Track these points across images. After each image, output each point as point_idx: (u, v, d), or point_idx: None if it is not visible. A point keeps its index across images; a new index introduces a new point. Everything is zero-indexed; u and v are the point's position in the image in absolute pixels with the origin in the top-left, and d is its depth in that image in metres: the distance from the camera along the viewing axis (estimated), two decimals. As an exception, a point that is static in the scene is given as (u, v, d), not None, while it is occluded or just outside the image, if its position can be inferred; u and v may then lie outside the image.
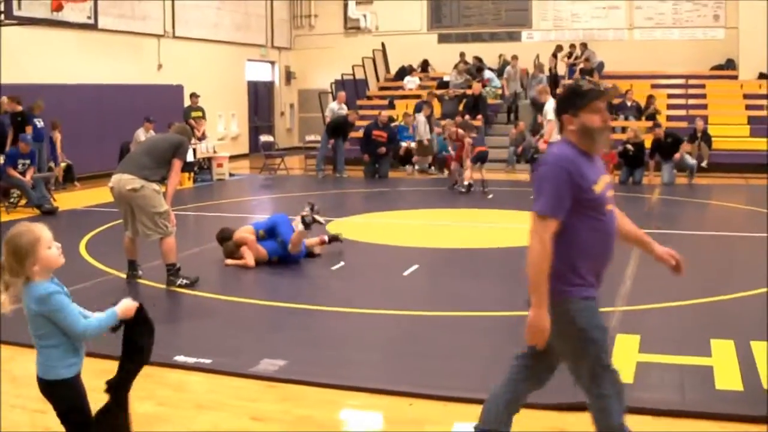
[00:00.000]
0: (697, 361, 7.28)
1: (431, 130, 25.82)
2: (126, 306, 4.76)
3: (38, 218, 16.69)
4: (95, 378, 4.91)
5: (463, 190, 20.04)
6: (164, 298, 10.20)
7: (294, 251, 11.79)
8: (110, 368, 7.32)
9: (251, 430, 6.15)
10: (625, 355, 7.41)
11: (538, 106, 28.25)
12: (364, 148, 25.07)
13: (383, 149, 24.85)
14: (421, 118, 25.59)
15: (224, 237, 12.05)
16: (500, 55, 32.10)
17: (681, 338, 8.08)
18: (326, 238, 12.68)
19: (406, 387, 6.80)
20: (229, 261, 11.73)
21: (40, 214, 17.10)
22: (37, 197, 17.54)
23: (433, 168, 25.60)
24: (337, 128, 25.28)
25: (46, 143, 21.06)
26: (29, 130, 19.16)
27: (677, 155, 22.14)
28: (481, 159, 20.71)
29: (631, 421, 6.08)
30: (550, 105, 19.18)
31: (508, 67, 29.99)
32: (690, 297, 9.62)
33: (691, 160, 22.46)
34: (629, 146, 22.24)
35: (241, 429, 6.15)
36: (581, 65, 30.29)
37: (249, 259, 11.65)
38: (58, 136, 21.57)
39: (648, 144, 22.61)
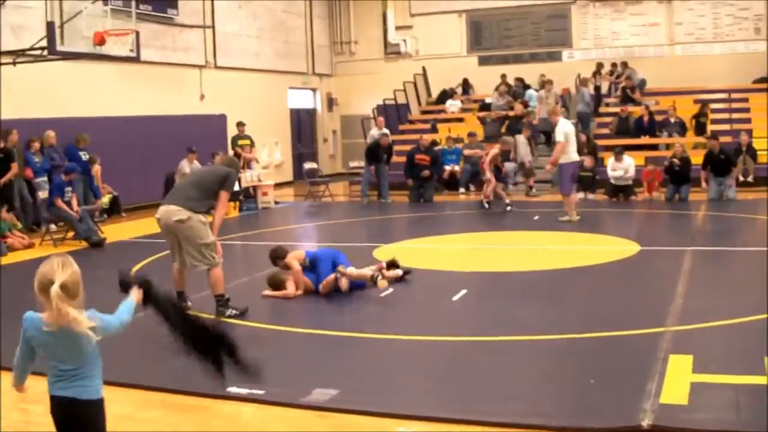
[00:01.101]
0: (752, 380, 7.19)
1: (533, 152, 25.76)
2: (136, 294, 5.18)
3: (86, 250, 16.82)
4: (139, 407, 5.00)
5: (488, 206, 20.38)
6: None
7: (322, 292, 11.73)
8: (150, 399, 7.35)
9: (305, 461, 6.13)
10: (679, 376, 7.35)
11: (584, 123, 28.20)
12: (408, 172, 25.06)
13: (427, 172, 24.82)
14: (521, 139, 25.35)
15: (277, 256, 12.01)
16: (541, 75, 32.06)
17: (734, 357, 8.00)
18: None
19: (458, 414, 6.74)
20: (268, 292, 11.68)
21: (88, 247, 17.22)
22: (84, 229, 17.64)
23: (533, 189, 25.23)
24: (373, 153, 25.34)
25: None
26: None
27: (732, 180, 22.05)
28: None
29: (687, 443, 6.05)
30: (560, 126, 18.70)
31: (541, 91, 29.65)
32: (742, 315, 9.53)
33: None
34: (675, 161, 22.11)
35: (295, 459, 6.14)
36: (623, 83, 30.28)
37: (290, 288, 11.62)
38: (97, 169, 21.70)
39: (698, 159, 22.49)
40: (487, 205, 20.60)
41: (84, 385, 4.81)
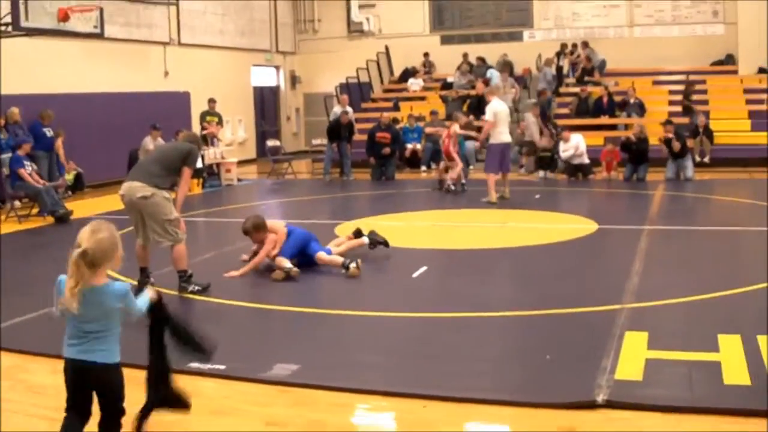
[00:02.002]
0: (705, 356, 7.33)
1: (542, 132, 24.84)
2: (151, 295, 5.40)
3: (52, 227, 16.80)
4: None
5: (453, 188, 20.25)
6: (176, 304, 10.22)
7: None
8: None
9: (266, 435, 6.20)
10: (634, 352, 7.48)
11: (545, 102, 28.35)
12: (369, 150, 25.12)
13: (387, 150, 24.89)
14: (530, 117, 25.11)
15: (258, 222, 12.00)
16: (503, 55, 32.24)
17: (688, 334, 8.13)
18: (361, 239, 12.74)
19: (418, 389, 6.83)
20: (232, 273, 11.62)
21: (53, 223, 17.19)
22: (50, 202, 17.60)
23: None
24: (334, 131, 25.38)
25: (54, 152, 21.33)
26: None
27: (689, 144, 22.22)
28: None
29: (640, 418, 6.18)
30: (491, 105, 18.77)
31: (496, 79, 29.43)
32: (696, 292, 9.69)
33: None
34: (631, 137, 22.27)
35: (255, 434, 6.20)
36: (582, 64, 30.44)
37: (267, 246, 11.60)
38: (59, 145, 21.60)
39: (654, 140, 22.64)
40: (454, 188, 20.46)
41: (103, 348, 5.05)
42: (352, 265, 11.35)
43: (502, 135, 18.62)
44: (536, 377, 7.15)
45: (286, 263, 11.42)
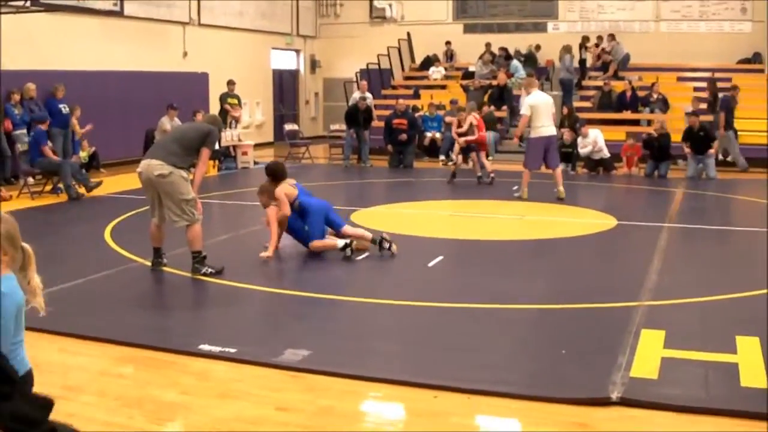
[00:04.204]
0: (722, 357, 7.23)
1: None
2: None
3: (65, 204, 16.77)
4: (113, 363, 5.02)
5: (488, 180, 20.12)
6: (189, 285, 10.22)
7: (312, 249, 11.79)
8: (124, 354, 7.34)
9: (275, 420, 6.12)
10: (650, 351, 7.39)
11: (566, 90, 28.23)
12: (387, 138, 25.05)
13: (404, 136, 24.79)
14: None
15: (275, 173, 12.33)
16: (529, 46, 32.16)
17: (706, 334, 8.04)
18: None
19: (429, 379, 6.77)
20: (265, 254, 11.51)
21: (67, 199, 17.15)
22: (73, 172, 17.57)
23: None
24: (352, 117, 25.38)
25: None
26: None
27: (712, 151, 21.93)
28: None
29: (654, 416, 6.10)
30: (528, 98, 18.04)
31: (520, 72, 29.27)
32: (715, 292, 9.59)
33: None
34: (653, 133, 22.12)
35: (264, 418, 6.14)
36: (603, 58, 30.33)
37: (271, 219, 11.71)
38: (74, 123, 21.53)
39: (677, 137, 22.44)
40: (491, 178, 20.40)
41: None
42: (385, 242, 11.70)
43: (542, 129, 17.61)
44: (550, 372, 7.07)
45: (339, 241, 11.63)
